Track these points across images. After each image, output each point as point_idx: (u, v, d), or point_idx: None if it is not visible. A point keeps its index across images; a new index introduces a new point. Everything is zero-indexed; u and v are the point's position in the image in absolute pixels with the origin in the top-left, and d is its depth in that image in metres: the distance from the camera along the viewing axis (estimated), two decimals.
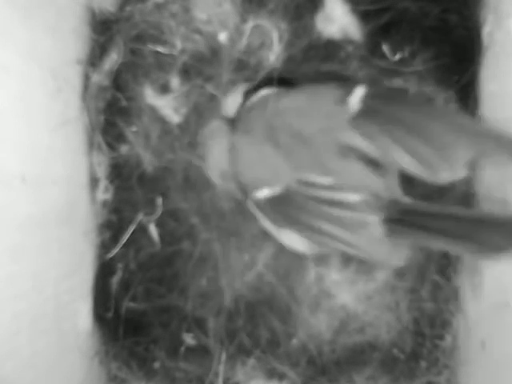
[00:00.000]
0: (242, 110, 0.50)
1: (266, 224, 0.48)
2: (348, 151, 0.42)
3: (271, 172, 0.45)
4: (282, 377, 0.55)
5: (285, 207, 0.44)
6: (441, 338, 0.54)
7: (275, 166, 0.44)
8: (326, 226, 0.42)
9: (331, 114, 0.43)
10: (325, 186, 0.42)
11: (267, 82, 0.50)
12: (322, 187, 0.42)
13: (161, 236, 0.56)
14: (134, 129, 0.55)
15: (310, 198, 0.43)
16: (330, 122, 0.43)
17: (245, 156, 0.47)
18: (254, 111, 0.48)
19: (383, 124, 0.41)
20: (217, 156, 0.51)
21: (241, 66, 0.54)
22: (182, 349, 0.55)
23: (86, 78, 0.54)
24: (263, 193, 0.45)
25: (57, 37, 0.48)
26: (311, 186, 0.43)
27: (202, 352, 0.55)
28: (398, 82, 0.52)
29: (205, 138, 0.53)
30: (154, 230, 0.56)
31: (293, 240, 0.48)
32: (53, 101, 0.47)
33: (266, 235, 0.52)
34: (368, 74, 0.52)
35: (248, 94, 0.50)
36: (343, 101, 0.43)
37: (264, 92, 0.49)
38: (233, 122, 0.51)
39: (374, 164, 0.42)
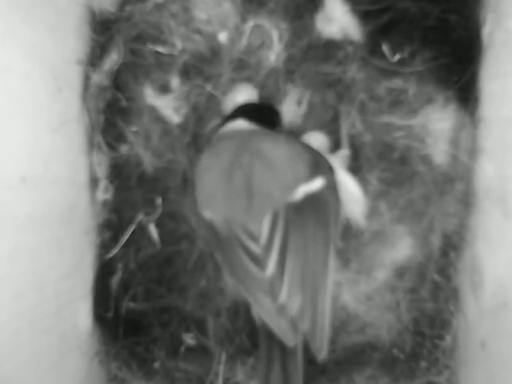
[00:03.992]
0: (218, 134, 0.51)
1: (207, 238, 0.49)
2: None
3: (212, 199, 0.46)
4: None
5: (215, 235, 0.45)
6: (441, 338, 0.54)
7: (218, 196, 0.46)
8: (244, 279, 0.44)
9: (283, 188, 0.44)
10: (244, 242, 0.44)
11: (243, 110, 0.52)
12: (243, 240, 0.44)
13: (160, 236, 0.56)
14: (134, 129, 0.55)
15: (236, 245, 0.44)
16: (277, 196, 0.44)
17: (202, 176, 0.48)
18: (230, 140, 0.49)
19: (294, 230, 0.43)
20: None
21: (241, 65, 0.54)
22: (182, 349, 0.55)
23: (86, 78, 0.54)
24: (205, 213, 0.46)
25: (57, 37, 0.48)
26: (239, 239, 0.44)
27: (201, 352, 0.55)
28: (397, 82, 0.52)
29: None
30: (153, 230, 0.56)
31: None
32: (53, 101, 0.47)
33: None
34: (368, 74, 0.52)
35: (225, 121, 0.52)
36: (297, 182, 0.44)
37: (242, 124, 0.50)
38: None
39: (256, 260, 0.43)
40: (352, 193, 0.50)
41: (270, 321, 0.42)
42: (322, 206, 0.44)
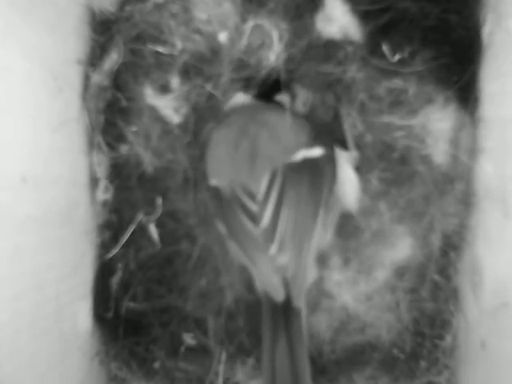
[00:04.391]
0: (224, 111, 0.54)
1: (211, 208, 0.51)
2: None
3: (220, 167, 0.49)
4: None
5: (219, 201, 0.47)
6: (441, 338, 0.54)
7: (224, 163, 0.48)
8: (241, 237, 0.46)
9: (285, 150, 0.47)
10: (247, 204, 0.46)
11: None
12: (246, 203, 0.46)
13: (160, 236, 0.56)
14: (134, 129, 0.55)
15: (236, 205, 0.46)
16: (278, 157, 0.47)
17: (213, 145, 0.50)
18: (237, 114, 0.52)
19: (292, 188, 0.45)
20: None
21: (241, 65, 0.53)
22: (182, 349, 0.55)
23: (86, 78, 0.54)
24: (212, 182, 0.48)
25: (57, 37, 0.48)
26: (239, 198, 0.46)
27: (202, 352, 0.55)
28: (397, 82, 0.52)
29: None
30: (153, 230, 0.56)
31: None
32: (53, 101, 0.47)
33: None
34: (368, 74, 0.52)
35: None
36: (298, 147, 0.47)
37: (241, 97, 0.53)
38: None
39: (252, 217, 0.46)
40: (348, 176, 0.51)
41: (262, 278, 0.45)
42: (318, 171, 0.47)
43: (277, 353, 0.42)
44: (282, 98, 0.55)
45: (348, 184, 0.51)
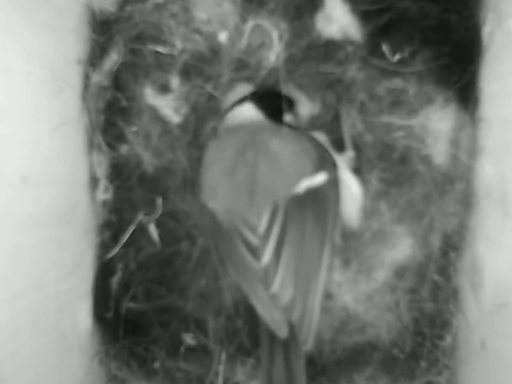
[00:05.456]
0: (226, 120, 0.52)
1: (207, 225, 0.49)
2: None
3: (216, 191, 0.47)
4: None
5: (216, 224, 0.46)
6: (441, 338, 0.54)
7: (221, 189, 0.46)
8: (241, 268, 0.44)
9: (286, 182, 0.45)
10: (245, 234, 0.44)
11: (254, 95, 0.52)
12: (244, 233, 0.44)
13: (160, 236, 0.56)
14: (134, 129, 0.55)
15: (235, 235, 0.44)
16: (279, 190, 0.44)
17: (207, 169, 0.48)
18: (236, 133, 0.49)
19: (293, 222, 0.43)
20: None
21: (241, 65, 0.54)
22: (182, 349, 0.55)
23: (86, 78, 0.54)
24: (209, 204, 0.47)
25: (57, 37, 0.48)
26: (239, 229, 0.44)
27: (202, 352, 0.55)
28: (397, 82, 0.52)
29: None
30: (153, 230, 0.56)
31: None
32: (53, 101, 0.47)
33: None
34: (368, 74, 0.52)
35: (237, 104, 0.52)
36: (301, 176, 0.44)
37: (249, 110, 0.51)
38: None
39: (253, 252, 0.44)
40: (351, 193, 0.50)
41: (263, 312, 0.43)
42: (323, 201, 0.45)
43: (274, 368, 0.41)
44: (289, 117, 0.53)
45: (351, 202, 0.49)
